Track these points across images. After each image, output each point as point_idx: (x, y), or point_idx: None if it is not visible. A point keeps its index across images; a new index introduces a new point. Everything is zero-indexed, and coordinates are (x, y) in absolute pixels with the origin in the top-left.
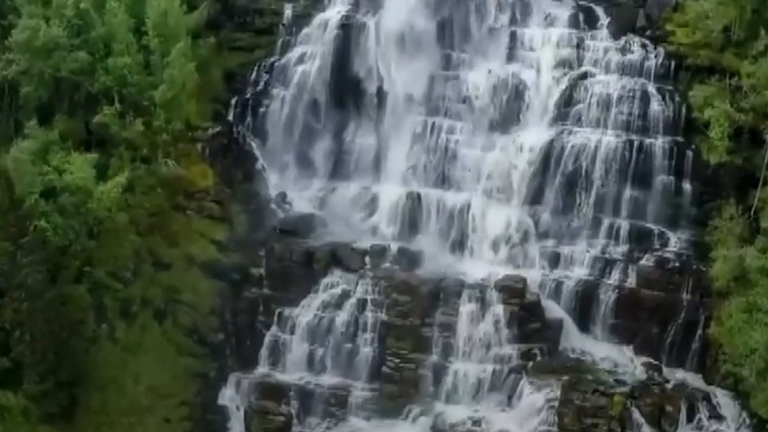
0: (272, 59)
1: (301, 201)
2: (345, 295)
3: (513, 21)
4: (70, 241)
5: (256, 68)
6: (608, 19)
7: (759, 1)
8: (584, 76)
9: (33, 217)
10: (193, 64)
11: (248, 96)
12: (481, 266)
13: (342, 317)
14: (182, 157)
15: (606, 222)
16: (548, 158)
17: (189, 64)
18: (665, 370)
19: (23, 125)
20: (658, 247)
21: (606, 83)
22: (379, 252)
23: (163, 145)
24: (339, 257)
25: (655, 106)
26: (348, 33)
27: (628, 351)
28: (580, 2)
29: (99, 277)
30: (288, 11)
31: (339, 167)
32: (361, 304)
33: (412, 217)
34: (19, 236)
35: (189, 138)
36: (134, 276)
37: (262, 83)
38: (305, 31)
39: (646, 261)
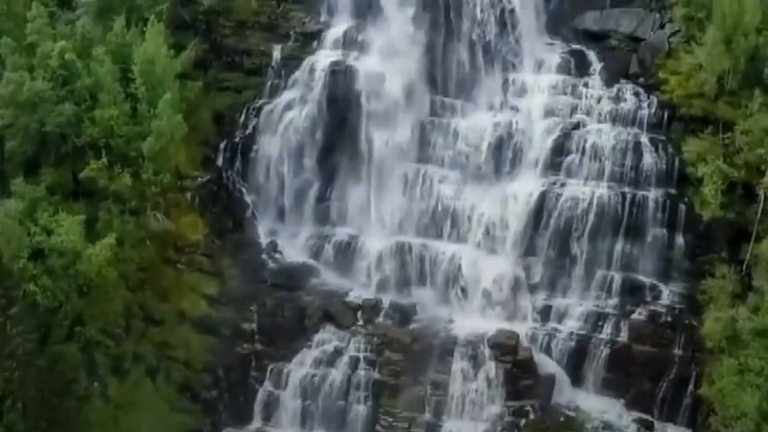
0: (261, 102)
1: (292, 249)
2: (337, 353)
3: (504, 66)
4: (60, 303)
5: (245, 111)
6: (601, 65)
7: (753, 51)
8: (577, 126)
9: (22, 281)
10: (180, 115)
11: (237, 140)
12: (473, 319)
13: (334, 375)
14: (172, 207)
15: (598, 274)
16: (540, 210)
17: (177, 114)
18: (657, 424)
19: (9, 178)
20: (650, 300)
21: (599, 133)
22: (372, 307)
23: (152, 197)
24: (331, 314)
25: (648, 158)
26: (337, 79)
27: (620, 406)
28: (572, 46)
29: (90, 334)
30: (276, 53)
31: (330, 214)
32: (354, 362)
33: (403, 268)
34: (7, 306)
35: (178, 187)
36: (125, 332)
37: (251, 127)
38: (294, 75)
39: (639, 315)
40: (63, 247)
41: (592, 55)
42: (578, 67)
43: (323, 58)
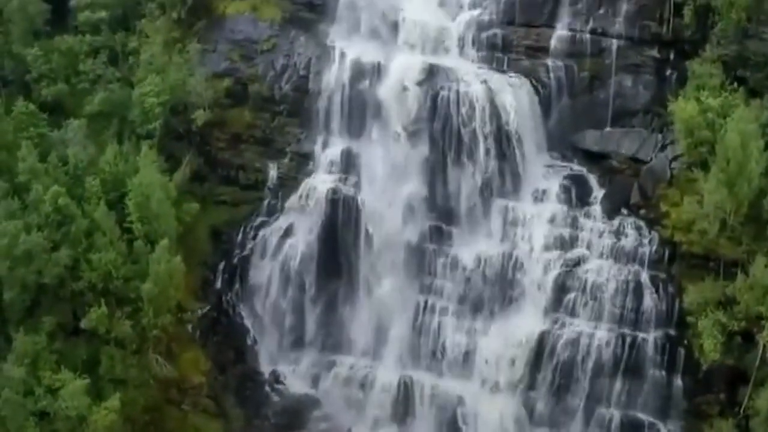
0: (258, 221)
1: (295, 378)
2: None
3: (504, 194)
4: None
5: (242, 230)
6: (602, 192)
7: (755, 194)
8: (578, 262)
9: None
10: (179, 258)
11: (236, 261)
12: None
13: None
14: (172, 342)
15: (598, 412)
16: (542, 348)
17: (175, 258)
18: None
19: (9, 324)
20: None
21: (599, 271)
22: None
23: (152, 339)
24: None
25: (648, 300)
26: (336, 207)
27: None
28: (573, 167)
29: None
30: (273, 171)
31: (331, 340)
32: None
33: (406, 403)
34: None
35: (178, 320)
36: None
37: (248, 248)
38: (291, 198)
39: None
40: (68, 412)
41: (592, 180)
42: (578, 195)
43: (320, 183)
